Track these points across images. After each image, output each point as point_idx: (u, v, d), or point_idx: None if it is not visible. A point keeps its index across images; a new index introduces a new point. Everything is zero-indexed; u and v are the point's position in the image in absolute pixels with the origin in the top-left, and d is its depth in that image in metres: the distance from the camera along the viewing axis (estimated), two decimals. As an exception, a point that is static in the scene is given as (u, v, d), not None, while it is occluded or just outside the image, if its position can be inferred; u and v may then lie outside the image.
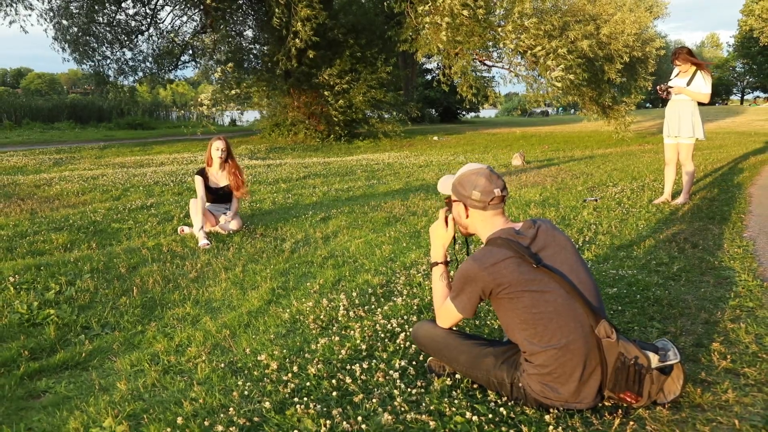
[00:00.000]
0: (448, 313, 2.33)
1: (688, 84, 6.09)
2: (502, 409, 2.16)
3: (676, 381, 2.11)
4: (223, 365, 2.66)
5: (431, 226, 2.52)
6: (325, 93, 18.74)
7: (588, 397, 2.10)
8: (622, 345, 2.05)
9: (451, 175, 2.44)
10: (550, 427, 2.02)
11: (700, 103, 6.20)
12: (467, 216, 2.33)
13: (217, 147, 5.49)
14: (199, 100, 19.42)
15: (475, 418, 2.09)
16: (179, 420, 2.14)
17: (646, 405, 2.12)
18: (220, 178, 5.57)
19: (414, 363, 2.58)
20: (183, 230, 5.48)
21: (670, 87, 6.19)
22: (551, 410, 2.12)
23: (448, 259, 2.49)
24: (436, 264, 2.47)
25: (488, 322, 3.05)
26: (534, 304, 2.08)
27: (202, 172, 5.52)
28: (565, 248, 2.20)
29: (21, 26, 18.79)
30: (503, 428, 2.04)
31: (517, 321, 2.12)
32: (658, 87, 6.36)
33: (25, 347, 2.97)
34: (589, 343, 2.06)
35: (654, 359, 2.05)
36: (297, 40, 16.04)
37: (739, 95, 71.61)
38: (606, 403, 2.18)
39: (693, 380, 2.36)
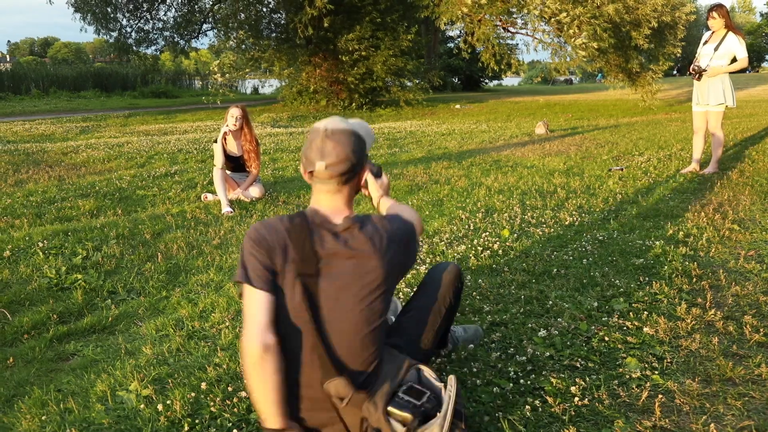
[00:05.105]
0: None
1: (717, 48, 5.90)
2: (522, 380, 2.15)
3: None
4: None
5: None
6: (344, 59, 18.53)
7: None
8: (368, 409, 1.64)
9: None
10: (576, 399, 2.00)
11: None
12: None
13: (232, 114, 5.45)
14: (212, 68, 19.43)
15: (496, 389, 2.08)
16: (203, 385, 2.16)
17: None
18: (236, 146, 5.55)
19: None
20: (206, 197, 5.50)
21: (704, 70, 5.98)
22: (577, 380, 2.10)
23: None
24: None
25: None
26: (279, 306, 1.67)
27: (221, 140, 5.50)
28: (361, 276, 1.67)
29: None
30: (528, 398, 2.02)
31: None
32: (691, 68, 6.14)
33: (54, 311, 3.03)
34: (310, 388, 1.68)
35: (400, 430, 1.61)
36: (311, 9, 15.80)
37: (771, 63, 69.38)
38: (633, 375, 2.15)
39: (724, 354, 2.32)
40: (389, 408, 1.63)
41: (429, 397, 1.66)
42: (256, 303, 1.62)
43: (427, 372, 1.77)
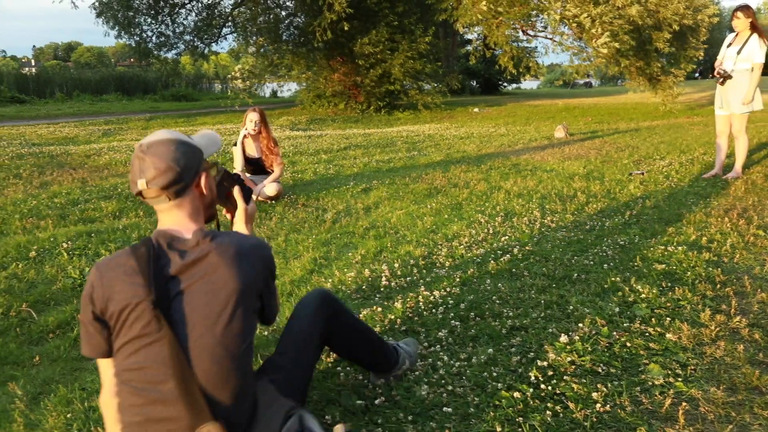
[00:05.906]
0: None
1: (740, 51, 5.82)
2: (543, 386, 2.13)
3: None
4: (266, 333, 2.70)
5: None
6: (360, 62, 18.60)
7: None
8: None
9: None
10: (598, 405, 1.99)
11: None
12: None
13: (251, 119, 5.53)
14: (233, 74, 19.63)
15: (517, 394, 2.07)
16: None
17: None
18: (255, 149, 5.61)
19: (455, 334, 2.56)
20: (226, 200, 5.55)
21: (729, 76, 5.90)
22: (599, 386, 2.09)
23: None
24: None
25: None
26: (132, 355, 1.49)
27: (240, 143, 5.59)
28: (215, 293, 1.51)
29: (72, 1, 19.15)
30: (549, 404, 2.01)
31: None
32: (716, 72, 6.05)
33: (79, 311, 3.07)
34: None
35: None
36: (330, 13, 15.89)
37: (797, 65, 68.35)
38: (656, 382, 2.12)
39: (750, 362, 2.28)
40: None
41: None
42: (106, 369, 1.55)
43: (311, 420, 1.62)
